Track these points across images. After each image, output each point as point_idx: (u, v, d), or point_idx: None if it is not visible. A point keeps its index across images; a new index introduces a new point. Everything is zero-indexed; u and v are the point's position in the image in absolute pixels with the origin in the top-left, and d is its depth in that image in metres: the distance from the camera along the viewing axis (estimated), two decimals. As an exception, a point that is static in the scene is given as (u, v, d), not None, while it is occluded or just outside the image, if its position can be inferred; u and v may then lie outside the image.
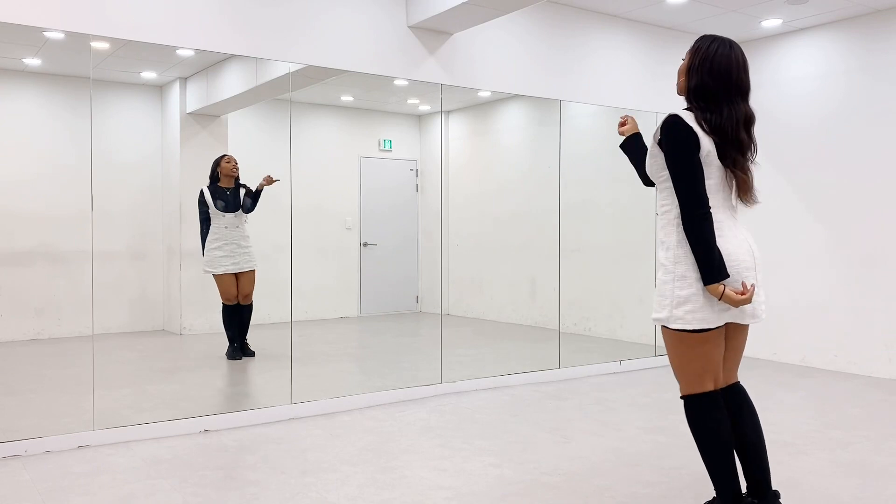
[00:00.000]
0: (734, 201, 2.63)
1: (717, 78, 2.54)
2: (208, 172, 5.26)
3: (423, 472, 3.39)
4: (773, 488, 2.68)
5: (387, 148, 6.58)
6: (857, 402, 4.82)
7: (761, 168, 6.92)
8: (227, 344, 5.30)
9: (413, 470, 3.43)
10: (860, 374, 5.74)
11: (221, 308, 5.30)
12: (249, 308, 5.36)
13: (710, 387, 2.62)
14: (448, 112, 6.86)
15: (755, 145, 2.62)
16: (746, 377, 5.60)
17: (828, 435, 4.04)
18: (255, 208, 5.29)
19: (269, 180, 5.17)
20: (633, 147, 3.05)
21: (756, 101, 7.28)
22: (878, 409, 4.63)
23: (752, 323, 2.63)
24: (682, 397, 2.67)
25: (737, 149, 2.54)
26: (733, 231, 2.57)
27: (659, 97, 6.08)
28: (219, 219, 5.27)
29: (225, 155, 5.27)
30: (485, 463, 3.53)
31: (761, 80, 6.47)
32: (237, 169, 5.26)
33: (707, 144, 2.51)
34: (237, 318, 5.34)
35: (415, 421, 4.31)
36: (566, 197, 5.79)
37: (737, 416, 2.69)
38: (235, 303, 5.32)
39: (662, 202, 2.62)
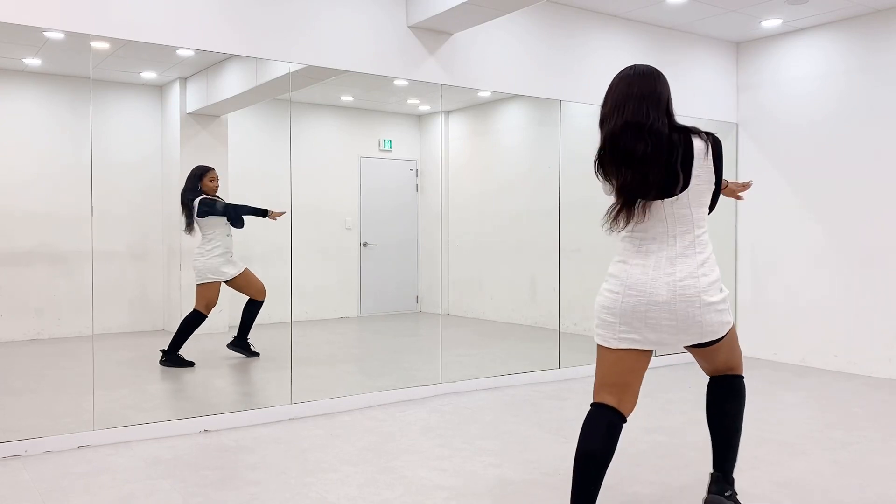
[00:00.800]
0: (684, 225, 2.50)
1: (603, 105, 2.55)
2: (191, 179, 5.19)
3: (423, 472, 3.39)
4: (735, 488, 2.70)
5: (387, 148, 6.59)
6: (858, 402, 4.82)
7: (762, 167, 6.91)
8: (173, 350, 5.09)
9: (413, 470, 3.43)
10: (860, 374, 5.74)
11: (193, 316, 5.13)
12: (261, 304, 5.35)
13: (604, 399, 2.56)
14: (448, 112, 6.86)
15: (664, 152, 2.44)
16: (747, 377, 5.59)
17: (828, 435, 4.04)
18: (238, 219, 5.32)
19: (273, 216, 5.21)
20: None
21: (756, 100, 7.27)
22: (879, 409, 4.63)
23: (664, 350, 2.60)
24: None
25: (628, 164, 2.44)
26: (662, 264, 2.48)
27: (659, 97, 6.07)
28: (220, 227, 5.26)
29: (210, 170, 5.19)
30: (485, 463, 3.53)
31: (761, 80, 6.47)
32: (217, 184, 5.26)
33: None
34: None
35: (415, 421, 4.31)
36: (566, 197, 5.79)
37: (721, 402, 2.74)
38: (208, 313, 5.26)
39: None
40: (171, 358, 5.08)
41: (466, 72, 5.19)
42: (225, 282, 5.30)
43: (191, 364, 5.12)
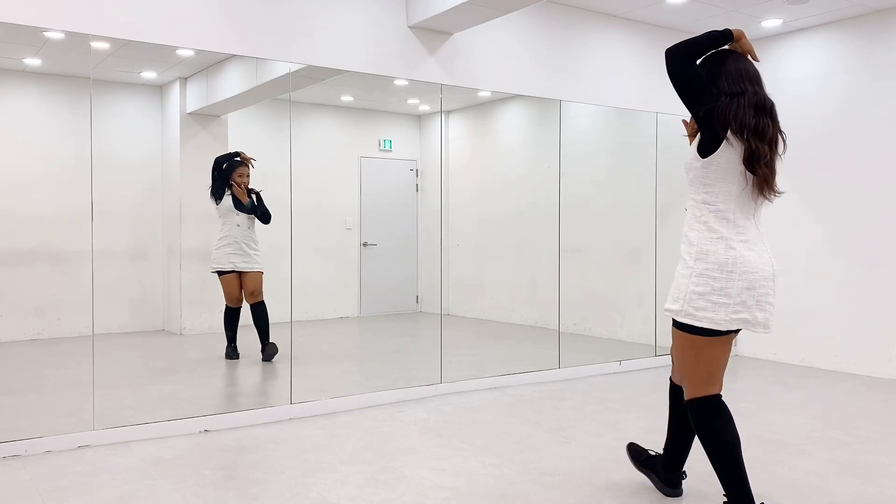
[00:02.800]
0: (757, 205, 2.65)
1: (707, 71, 2.64)
2: (210, 172, 5.24)
3: (423, 472, 3.39)
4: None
5: (387, 148, 6.59)
6: (858, 403, 4.82)
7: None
8: (226, 344, 5.29)
9: (413, 470, 3.43)
10: (860, 374, 5.74)
11: (224, 308, 5.30)
12: (259, 307, 5.30)
13: (714, 390, 2.67)
14: (448, 112, 6.86)
15: (778, 134, 2.66)
16: (747, 377, 5.61)
17: (828, 435, 4.04)
18: (262, 214, 5.29)
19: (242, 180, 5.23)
20: None
21: (756, 101, 7.10)
22: (879, 409, 4.63)
23: (762, 333, 2.65)
24: (686, 401, 2.70)
25: (757, 137, 2.55)
26: (757, 240, 2.61)
27: (659, 97, 6.08)
28: (231, 217, 5.28)
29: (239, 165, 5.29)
30: (485, 463, 3.53)
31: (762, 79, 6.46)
32: (247, 179, 5.26)
33: (729, 146, 2.54)
34: (238, 320, 5.32)
35: (415, 421, 4.31)
36: (566, 197, 5.79)
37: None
38: (238, 305, 5.31)
39: (690, 197, 2.67)
40: (228, 349, 5.32)
41: (466, 72, 5.19)
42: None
43: (234, 356, 5.33)
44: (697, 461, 3.52)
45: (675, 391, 2.93)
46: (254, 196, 5.29)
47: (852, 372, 5.81)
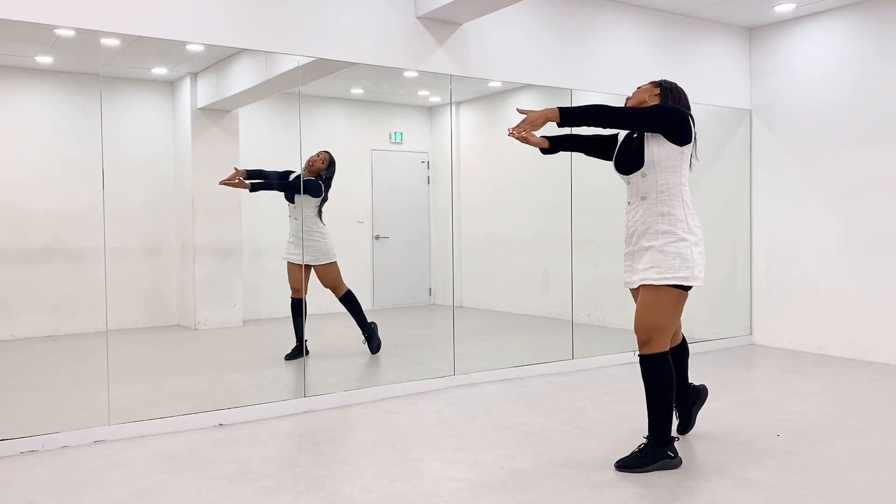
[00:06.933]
0: None
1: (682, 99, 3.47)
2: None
3: (437, 464, 3.39)
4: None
5: (397, 140, 6.57)
6: (875, 391, 4.77)
7: (776, 154, 6.82)
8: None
9: (426, 462, 3.43)
10: (877, 362, 5.68)
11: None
12: (343, 300, 5.38)
13: (669, 346, 3.30)
14: (458, 103, 6.83)
15: None
16: (763, 366, 5.58)
17: (845, 423, 4.01)
18: (311, 192, 5.22)
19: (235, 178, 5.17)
20: (567, 144, 3.81)
21: (769, 86, 7.19)
22: (897, 397, 4.59)
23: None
24: (655, 354, 3.20)
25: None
26: None
27: (671, 85, 6.01)
28: (290, 208, 5.32)
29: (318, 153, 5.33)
30: (498, 454, 3.52)
31: (775, 65, 6.40)
32: (315, 163, 5.28)
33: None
34: (299, 314, 5.26)
35: (428, 413, 4.31)
36: (578, 187, 5.75)
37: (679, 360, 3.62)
38: (300, 297, 5.22)
39: (662, 181, 3.25)
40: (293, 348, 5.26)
41: (476, 62, 5.16)
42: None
43: (295, 355, 5.20)
44: (694, 456, 3.50)
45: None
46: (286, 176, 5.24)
47: (869, 360, 5.76)
